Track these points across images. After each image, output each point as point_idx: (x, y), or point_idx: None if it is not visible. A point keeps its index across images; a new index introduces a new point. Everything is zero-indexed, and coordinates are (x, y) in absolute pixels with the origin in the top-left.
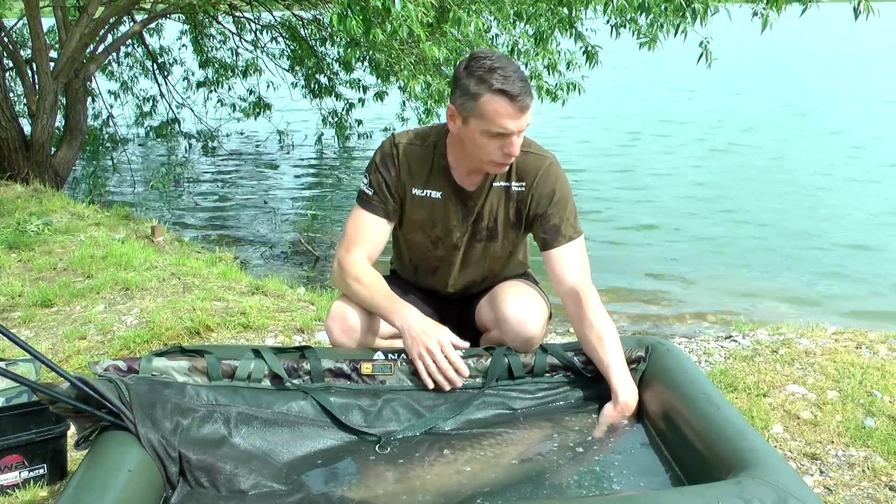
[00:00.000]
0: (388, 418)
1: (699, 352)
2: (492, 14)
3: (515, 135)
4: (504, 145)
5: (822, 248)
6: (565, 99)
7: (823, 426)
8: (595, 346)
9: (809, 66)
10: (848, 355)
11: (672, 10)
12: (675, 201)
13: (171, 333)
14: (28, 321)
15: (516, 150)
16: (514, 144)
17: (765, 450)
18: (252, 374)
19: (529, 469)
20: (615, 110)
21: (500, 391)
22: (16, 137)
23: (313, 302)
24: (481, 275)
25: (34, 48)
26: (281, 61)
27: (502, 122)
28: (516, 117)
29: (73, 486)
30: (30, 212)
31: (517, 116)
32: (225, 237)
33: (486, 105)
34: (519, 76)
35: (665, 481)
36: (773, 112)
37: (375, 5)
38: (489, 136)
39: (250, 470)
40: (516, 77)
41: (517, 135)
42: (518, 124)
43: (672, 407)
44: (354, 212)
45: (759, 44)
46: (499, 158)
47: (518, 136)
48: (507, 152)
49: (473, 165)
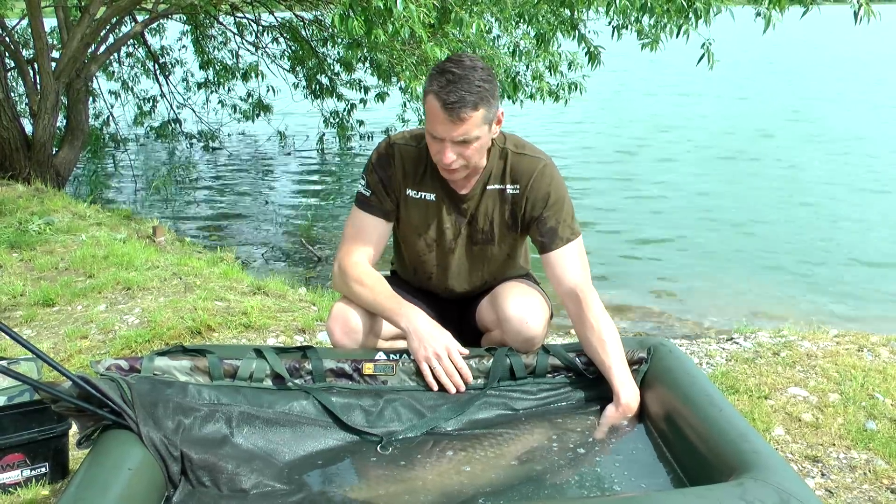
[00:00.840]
0: (390, 418)
1: (700, 353)
2: (493, 15)
3: (448, 143)
4: (440, 150)
5: (825, 250)
6: (567, 99)
7: (825, 429)
8: (596, 348)
9: (815, 69)
10: (849, 358)
11: (674, 10)
12: (679, 205)
13: (173, 333)
14: (30, 320)
15: (447, 158)
16: (447, 151)
17: (767, 452)
18: (254, 374)
19: (531, 470)
20: (620, 116)
21: (502, 392)
22: (17, 137)
23: (314, 302)
24: (480, 278)
25: (36, 48)
26: (282, 62)
27: (433, 125)
28: (446, 125)
29: (74, 484)
30: (31, 211)
31: (447, 125)
32: (226, 237)
33: (427, 105)
34: (468, 88)
35: (666, 482)
36: (779, 117)
37: (377, 6)
38: (430, 136)
39: (252, 469)
40: (463, 86)
41: (453, 143)
42: (449, 133)
43: (674, 408)
44: (353, 214)
45: (766, 46)
46: (438, 160)
47: (458, 145)
48: (437, 158)
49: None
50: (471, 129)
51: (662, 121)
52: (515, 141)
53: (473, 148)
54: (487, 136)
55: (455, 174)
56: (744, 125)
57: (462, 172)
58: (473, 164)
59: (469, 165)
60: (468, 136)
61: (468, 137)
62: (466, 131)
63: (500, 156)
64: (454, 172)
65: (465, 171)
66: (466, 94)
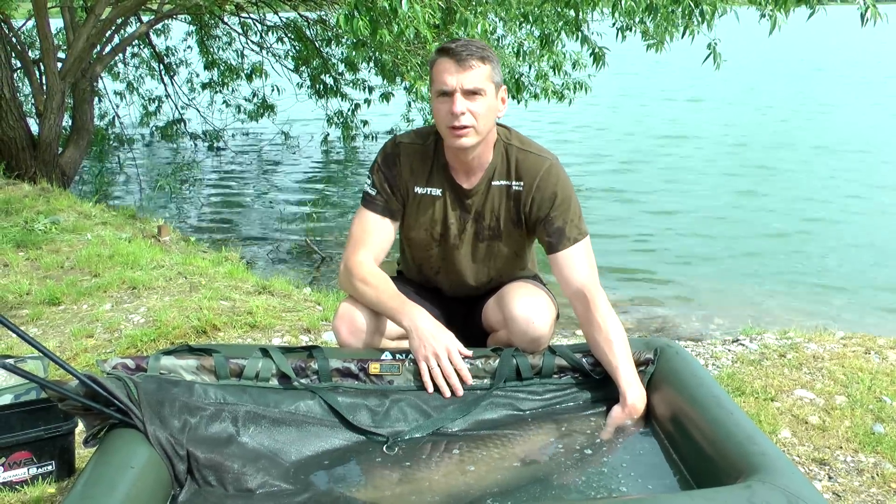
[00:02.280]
0: (396, 418)
1: (706, 355)
2: (497, 16)
3: (458, 93)
4: (449, 105)
5: (832, 252)
6: (571, 99)
7: (832, 431)
8: (603, 348)
9: (828, 71)
10: (856, 360)
11: (680, 11)
12: (686, 207)
13: (178, 332)
14: (36, 319)
15: (458, 106)
16: (457, 102)
17: (774, 454)
18: (260, 374)
19: (537, 470)
20: (626, 118)
21: (508, 392)
22: (23, 137)
23: (319, 302)
24: (487, 275)
25: (42, 48)
26: (286, 62)
27: (442, 77)
28: (455, 71)
29: (81, 483)
30: (37, 211)
31: (456, 70)
32: (231, 237)
33: (433, 68)
34: (474, 43)
35: (673, 484)
36: (791, 122)
37: (382, 6)
38: (438, 98)
39: (258, 469)
40: (468, 42)
41: (463, 94)
42: (458, 79)
43: (681, 410)
44: (359, 213)
45: (779, 49)
46: (448, 122)
47: (466, 96)
48: (450, 111)
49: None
50: (479, 79)
51: (670, 124)
52: (520, 138)
53: (481, 104)
54: (494, 101)
55: (464, 134)
56: (753, 130)
57: (471, 137)
58: (481, 130)
59: (478, 129)
60: (476, 85)
61: (477, 87)
62: (475, 80)
63: (505, 151)
64: (463, 133)
65: (475, 137)
66: (474, 48)
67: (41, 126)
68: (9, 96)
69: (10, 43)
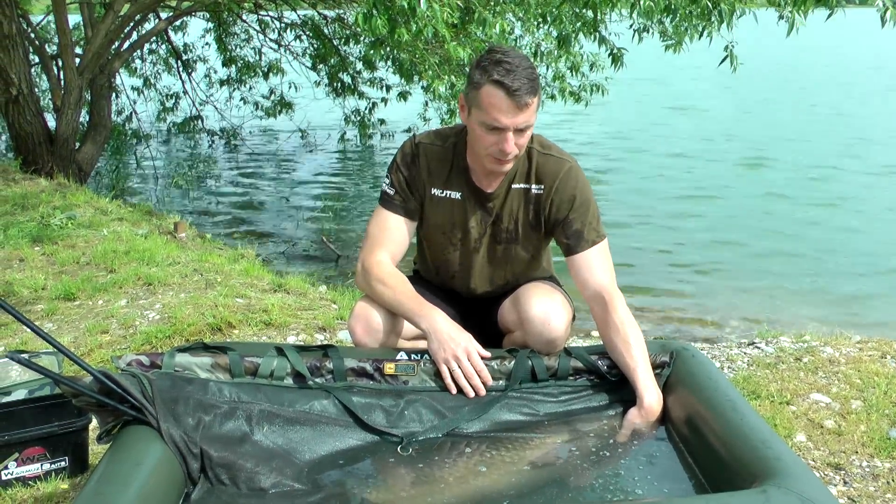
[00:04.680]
0: (411, 419)
1: (722, 358)
2: (515, 16)
3: (511, 131)
4: (499, 140)
5: (849, 256)
6: (588, 100)
7: (847, 436)
8: (621, 350)
9: (848, 74)
10: (872, 364)
11: (698, 12)
12: (703, 210)
13: (193, 329)
14: (51, 314)
15: (510, 146)
16: (509, 141)
17: (790, 459)
18: (275, 372)
19: (552, 473)
20: (644, 118)
21: (524, 394)
22: (41, 132)
23: (335, 300)
24: (503, 278)
25: (60, 44)
26: (304, 59)
27: (496, 115)
28: (511, 113)
29: (94, 479)
30: (54, 206)
31: (513, 112)
32: (247, 234)
33: (484, 96)
34: (526, 74)
35: (689, 488)
36: (815, 125)
37: (401, 5)
38: (486, 128)
39: (271, 468)
40: (522, 73)
41: (514, 132)
42: (514, 120)
43: (697, 413)
44: (377, 213)
45: (806, 52)
46: (494, 153)
47: (516, 134)
48: (501, 148)
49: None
50: (531, 116)
51: (689, 123)
52: (541, 141)
53: (527, 136)
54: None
55: (507, 165)
56: (773, 131)
57: (512, 164)
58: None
59: (519, 155)
60: (528, 123)
61: (528, 124)
62: (528, 118)
63: (527, 154)
64: (506, 164)
65: (514, 162)
66: (527, 80)
67: (59, 121)
68: (26, 92)
69: (28, 38)
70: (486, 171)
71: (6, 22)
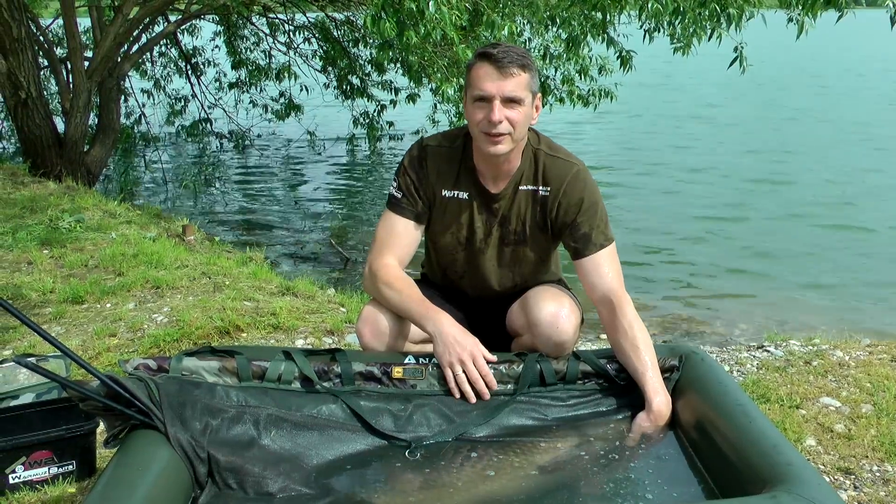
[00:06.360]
0: (419, 423)
1: (731, 361)
2: (524, 18)
3: (497, 100)
4: (487, 113)
5: (858, 259)
6: (597, 104)
7: (857, 440)
8: (629, 354)
9: (861, 77)
10: (882, 368)
11: (707, 15)
12: (710, 213)
13: (201, 333)
14: (59, 317)
15: (497, 115)
16: (496, 110)
17: (801, 464)
18: (282, 376)
19: (561, 477)
20: (652, 121)
21: (532, 398)
22: (49, 135)
23: (343, 304)
24: (511, 280)
25: (69, 47)
26: (313, 62)
27: (481, 84)
28: (496, 79)
29: (102, 483)
30: (62, 209)
31: (497, 78)
32: (255, 237)
33: (472, 72)
34: (514, 49)
35: (698, 493)
36: (823, 129)
37: (409, 7)
38: (475, 104)
39: (279, 472)
40: (508, 48)
41: (502, 102)
42: (499, 87)
43: (706, 417)
44: (385, 216)
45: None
46: (484, 127)
47: (505, 104)
48: (489, 119)
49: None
50: (519, 88)
51: (696, 127)
52: (549, 143)
53: (519, 113)
54: (530, 109)
55: (500, 141)
56: (783, 137)
57: (506, 144)
58: (517, 138)
59: (514, 137)
60: (516, 95)
61: (516, 95)
62: (515, 89)
63: (533, 156)
64: (499, 140)
65: (510, 145)
66: (514, 53)
67: (67, 124)
68: (35, 94)
69: (37, 41)
70: (490, 169)
71: (15, 26)
